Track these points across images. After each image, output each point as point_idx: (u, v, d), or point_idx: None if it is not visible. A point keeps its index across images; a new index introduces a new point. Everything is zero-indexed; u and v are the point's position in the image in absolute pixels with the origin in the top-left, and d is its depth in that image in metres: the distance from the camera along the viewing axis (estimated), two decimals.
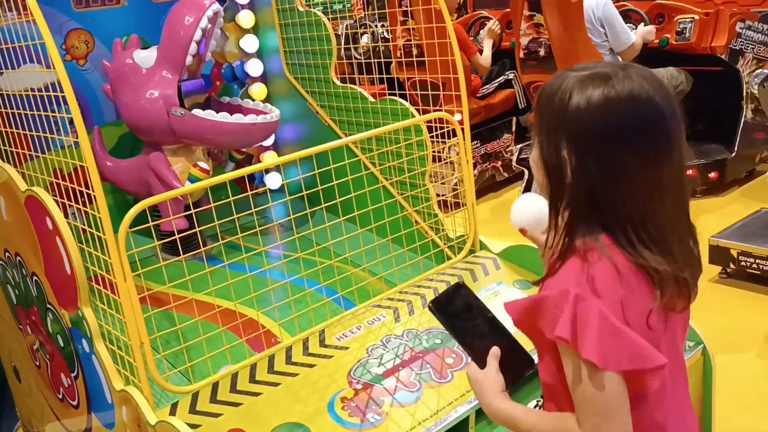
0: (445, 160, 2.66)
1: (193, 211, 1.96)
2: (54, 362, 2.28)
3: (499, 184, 5.44)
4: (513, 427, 1.14)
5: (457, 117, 5.25)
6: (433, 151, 2.54)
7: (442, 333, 2.07)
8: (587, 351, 0.97)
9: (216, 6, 2.55)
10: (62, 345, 2.14)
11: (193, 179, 2.58)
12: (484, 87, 5.38)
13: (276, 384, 1.88)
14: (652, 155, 1.01)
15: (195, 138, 2.63)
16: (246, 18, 3.10)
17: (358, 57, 5.46)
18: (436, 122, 2.46)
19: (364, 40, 5.80)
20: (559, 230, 1.07)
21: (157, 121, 2.52)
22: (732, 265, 3.55)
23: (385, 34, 6.00)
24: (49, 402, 2.47)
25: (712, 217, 4.34)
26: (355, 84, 2.89)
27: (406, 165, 2.55)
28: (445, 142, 2.49)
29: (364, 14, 6.72)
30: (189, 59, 2.51)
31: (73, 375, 2.14)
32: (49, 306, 2.12)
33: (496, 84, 5.45)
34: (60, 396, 2.34)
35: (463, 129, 2.43)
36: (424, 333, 2.07)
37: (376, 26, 6.18)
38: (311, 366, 1.95)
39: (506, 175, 5.43)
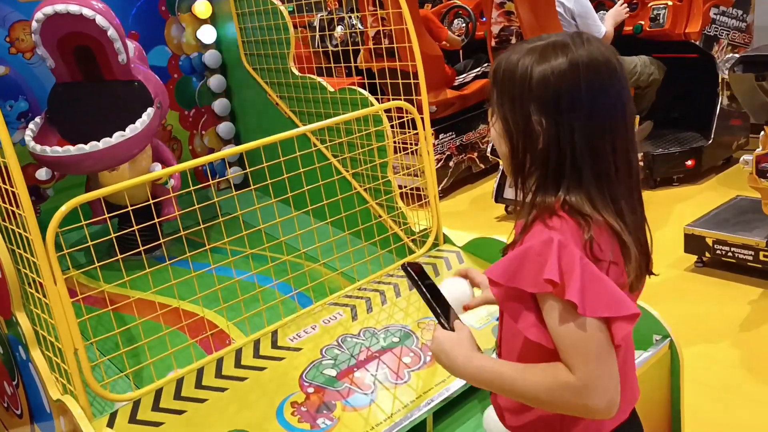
0: (407, 150, 2.56)
1: (125, 209, 1.86)
2: None
3: (475, 176, 5.36)
4: (498, 383, 1.10)
5: (432, 109, 5.16)
6: (395, 142, 2.45)
7: (400, 331, 1.99)
8: (572, 294, 0.98)
9: (49, 9, 2.29)
10: (1, 352, 2.03)
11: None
12: (460, 77, 5.29)
13: (223, 389, 1.79)
14: (618, 115, 1.07)
15: None
16: (202, 7, 3.00)
17: (333, 48, 5.35)
18: (396, 112, 2.37)
19: (339, 30, 5.69)
20: (527, 194, 1.10)
21: None
22: (707, 254, 3.48)
23: (359, 25, 5.90)
24: None
25: (688, 206, 4.28)
26: (331, 75, 2.80)
27: (367, 156, 2.46)
28: (405, 132, 2.40)
29: (338, 5, 6.61)
30: (49, 62, 2.45)
31: (14, 383, 2.04)
32: None
33: (474, 75, 5.36)
34: (5, 405, 2.23)
35: (423, 118, 2.33)
36: (382, 331, 1.98)
37: (350, 17, 6.08)
38: (261, 369, 1.85)
39: (482, 166, 5.34)
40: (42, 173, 2.60)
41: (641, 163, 4.54)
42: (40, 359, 1.75)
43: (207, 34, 3.04)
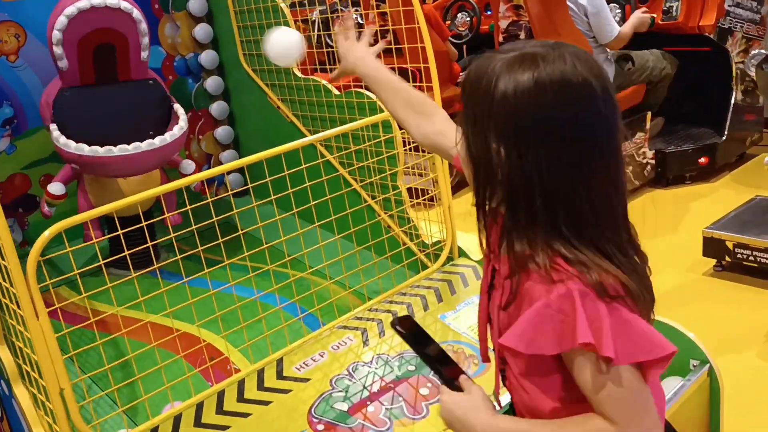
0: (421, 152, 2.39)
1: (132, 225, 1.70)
2: None
3: None
4: None
5: None
6: (407, 149, 2.29)
7: (416, 358, 1.84)
8: (607, 349, 0.87)
9: (84, 3, 2.21)
10: None
11: (49, 203, 2.35)
12: (464, 73, 5.14)
13: (225, 428, 1.64)
14: (586, 146, 0.90)
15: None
16: (197, 5, 2.84)
17: (332, 45, 5.18)
18: None
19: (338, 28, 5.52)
20: (499, 232, 0.96)
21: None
22: (727, 258, 3.34)
23: (359, 20, 5.72)
24: None
25: (702, 205, 4.14)
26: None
27: (377, 164, 2.30)
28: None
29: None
30: (63, 63, 2.28)
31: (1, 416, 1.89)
32: None
33: None
34: None
35: None
36: (396, 359, 1.83)
37: (356, 11, 5.91)
38: (267, 403, 1.71)
39: None
40: (55, 188, 2.41)
41: (652, 161, 4.42)
42: (24, 396, 1.61)
43: (203, 33, 2.87)
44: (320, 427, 1.62)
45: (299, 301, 2.04)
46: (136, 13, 2.35)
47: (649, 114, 4.37)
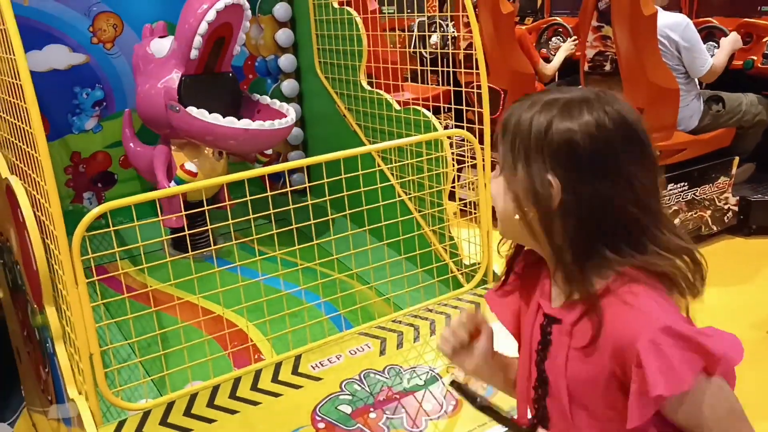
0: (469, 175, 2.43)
1: (194, 209, 1.85)
2: (35, 353, 2.22)
3: None
4: None
5: None
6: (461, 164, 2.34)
7: (428, 373, 1.89)
8: (718, 368, 0.92)
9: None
10: (39, 339, 2.07)
11: (179, 181, 2.46)
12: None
13: (234, 412, 1.74)
14: (644, 175, 0.98)
15: (190, 136, 2.51)
16: (282, 10, 2.98)
17: (426, 55, 5.26)
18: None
19: (434, 39, 5.60)
20: (566, 267, 0.99)
21: (158, 113, 2.43)
22: None
23: (455, 34, 5.78)
24: (36, 390, 2.42)
25: None
26: (422, 82, 2.72)
27: (426, 180, 2.36)
28: (472, 158, 2.28)
29: (438, 13, 6.51)
30: (194, 53, 2.38)
31: (46, 371, 2.07)
32: (28, 298, 2.06)
33: None
34: (42, 387, 2.28)
35: (483, 148, 2.21)
36: (408, 371, 1.89)
37: (447, 26, 5.97)
38: (277, 395, 1.80)
39: None
40: (191, 166, 2.52)
41: (735, 207, 4.24)
42: (63, 355, 1.76)
43: (285, 37, 3.01)
44: (321, 425, 1.70)
45: (333, 302, 2.14)
46: (249, 11, 2.50)
47: (737, 159, 4.20)
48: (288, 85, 3.08)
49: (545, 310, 1.06)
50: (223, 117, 2.40)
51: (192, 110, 2.35)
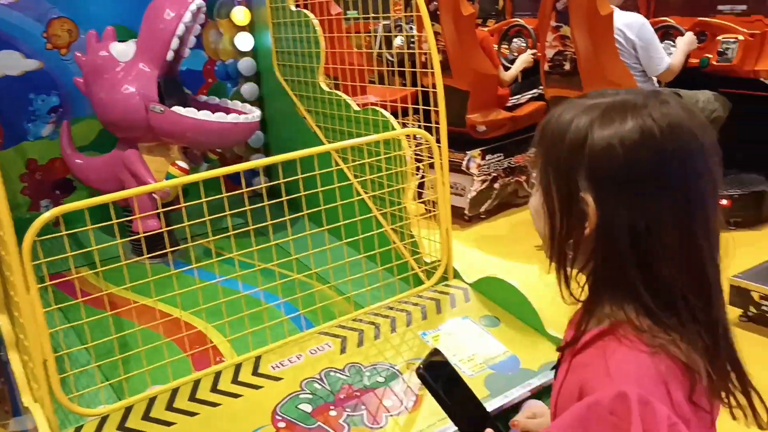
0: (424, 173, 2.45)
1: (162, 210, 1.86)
2: None
3: (521, 200, 5.19)
4: None
5: (481, 129, 5.02)
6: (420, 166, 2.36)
7: (388, 370, 1.90)
8: None
9: (200, 0, 2.43)
10: None
11: (170, 178, 2.47)
12: (514, 98, 5.15)
13: (194, 414, 1.73)
14: (691, 196, 0.83)
15: (174, 136, 2.53)
16: (241, 14, 2.98)
17: (391, 58, 5.28)
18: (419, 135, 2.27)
19: (398, 42, 5.62)
20: (578, 293, 0.90)
21: (135, 117, 2.43)
22: (753, 309, 3.25)
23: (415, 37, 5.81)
24: None
25: (743, 253, 3.99)
26: (387, 83, 2.74)
27: (386, 180, 2.38)
28: (428, 157, 2.30)
29: (402, 15, 6.55)
30: (170, 54, 2.40)
31: (2, 380, 2.04)
32: None
33: (528, 97, 5.20)
34: None
35: (440, 147, 2.23)
36: (368, 369, 1.89)
37: (411, 29, 6.01)
38: (237, 396, 1.79)
39: (530, 191, 5.18)
40: (184, 163, 2.60)
41: None
42: (17, 362, 1.74)
43: (244, 41, 3.01)
44: (281, 424, 1.70)
45: (294, 302, 2.13)
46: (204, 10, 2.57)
47: None
48: (248, 89, 3.08)
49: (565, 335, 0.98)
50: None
51: (179, 109, 2.38)
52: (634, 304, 0.84)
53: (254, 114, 2.58)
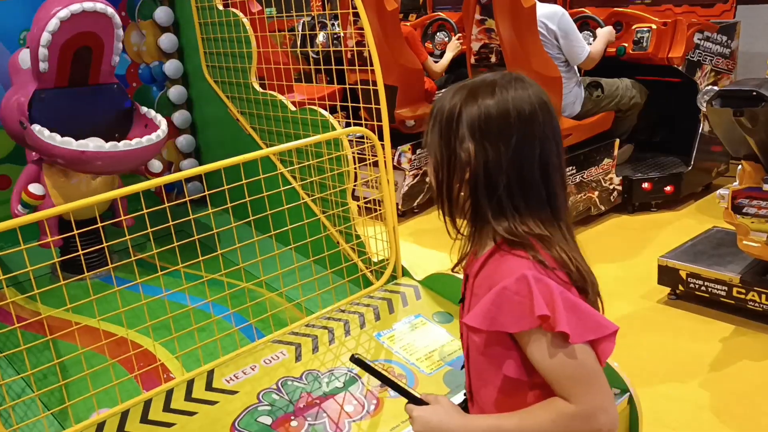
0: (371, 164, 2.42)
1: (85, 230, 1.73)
2: None
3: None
4: None
5: (410, 123, 5.04)
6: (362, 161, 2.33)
7: (346, 375, 1.87)
8: (562, 325, 0.99)
9: (77, 7, 2.22)
10: None
11: (25, 204, 2.33)
12: (440, 92, 5.19)
13: None
14: (548, 145, 1.10)
15: (44, 156, 2.36)
16: (163, 15, 2.87)
17: (314, 56, 5.22)
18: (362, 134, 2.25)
19: (321, 38, 5.56)
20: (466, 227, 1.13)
21: (14, 129, 2.28)
22: (681, 287, 3.39)
23: (341, 34, 5.77)
24: None
25: (665, 233, 4.19)
26: (313, 82, 2.68)
27: (328, 181, 2.34)
28: (373, 155, 2.27)
29: (323, 12, 6.49)
30: (42, 65, 2.24)
31: None
32: None
33: None
34: None
35: (383, 145, 2.21)
36: (326, 375, 1.86)
37: (333, 25, 5.96)
38: (191, 414, 1.73)
39: None
40: (37, 188, 2.38)
41: (619, 187, 4.48)
42: None
43: (168, 42, 2.90)
44: None
45: (243, 312, 2.07)
46: (117, 19, 2.36)
47: (617, 141, 4.44)
48: (175, 92, 2.97)
49: (466, 270, 1.18)
50: (105, 133, 2.28)
51: (35, 128, 2.21)
52: (506, 223, 1.06)
53: (138, 141, 2.36)
